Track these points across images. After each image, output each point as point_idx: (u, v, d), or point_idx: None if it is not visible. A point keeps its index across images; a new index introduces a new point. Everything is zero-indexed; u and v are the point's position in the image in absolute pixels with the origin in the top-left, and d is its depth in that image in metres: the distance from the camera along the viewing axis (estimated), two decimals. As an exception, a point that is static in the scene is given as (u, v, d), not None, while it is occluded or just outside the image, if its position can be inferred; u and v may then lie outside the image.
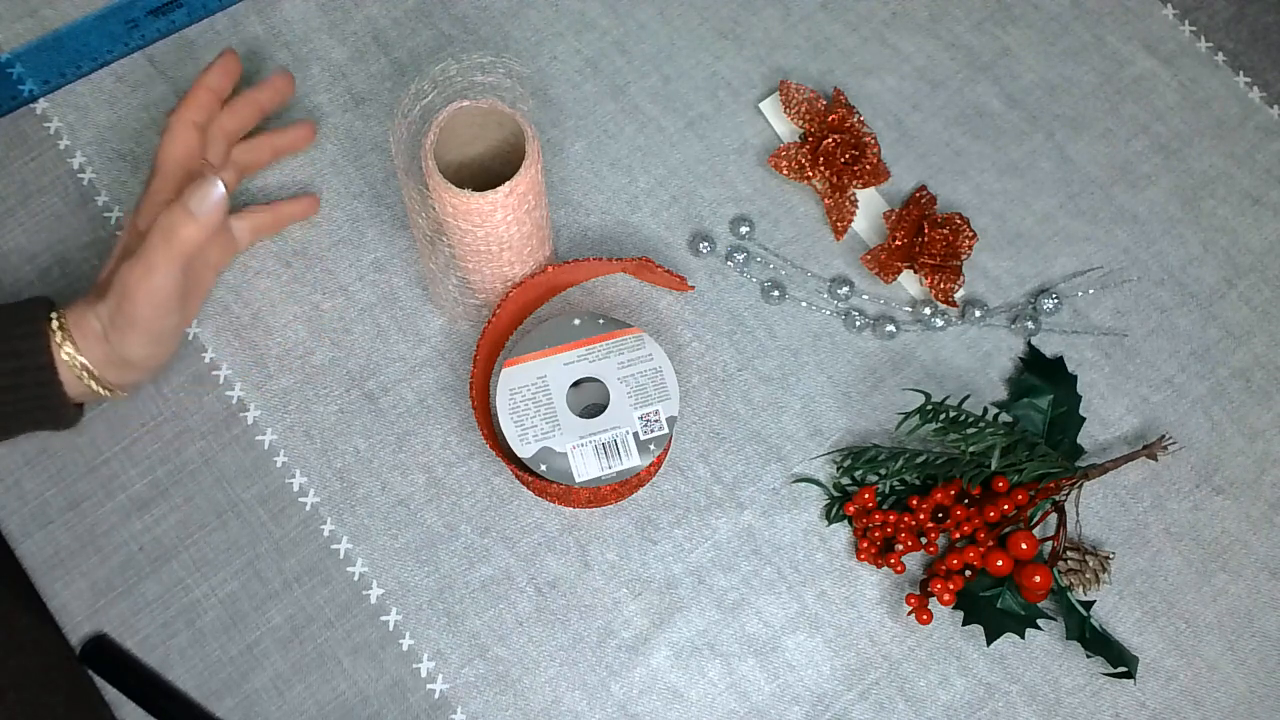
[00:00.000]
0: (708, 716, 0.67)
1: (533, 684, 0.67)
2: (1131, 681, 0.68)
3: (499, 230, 0.65)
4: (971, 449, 0.66)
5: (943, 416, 0.67)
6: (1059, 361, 0.73)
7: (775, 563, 0.70)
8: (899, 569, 0.68)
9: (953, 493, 0.68)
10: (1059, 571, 0.68)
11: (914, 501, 0.68)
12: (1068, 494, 0.69)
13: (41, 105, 0.79)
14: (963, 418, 0.67)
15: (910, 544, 0.68)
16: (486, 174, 0.69)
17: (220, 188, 0.60)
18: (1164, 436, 0.69)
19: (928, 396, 0.67)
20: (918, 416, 0.67)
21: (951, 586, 0.67)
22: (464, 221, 0.64)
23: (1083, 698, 0.67)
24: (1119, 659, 0.66)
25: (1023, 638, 0.68)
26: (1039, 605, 0.68)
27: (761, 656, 0.68)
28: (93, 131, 0.78)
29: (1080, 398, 0.72)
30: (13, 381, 0.62)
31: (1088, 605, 0.68)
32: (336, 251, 0.76)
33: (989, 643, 0.67)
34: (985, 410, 0.69)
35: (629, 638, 0.68)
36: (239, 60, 0.69)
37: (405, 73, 0.80)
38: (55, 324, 0.63)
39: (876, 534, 0.68)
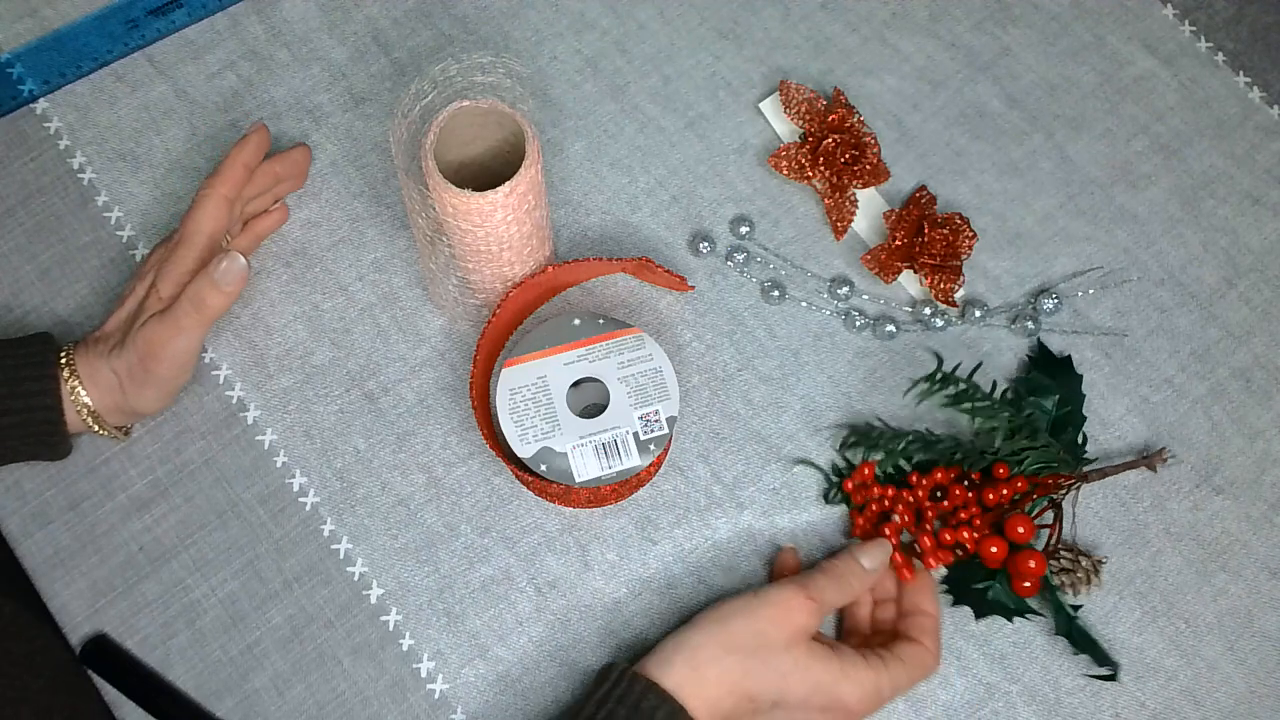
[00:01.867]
0: (708, 716, 0.67)
1: (533, 684, 0.67)
2: (1128, 683, 0.68)
3: (499, 230, 0.65)
4: (978, 421, 0.66)
5: (953, 386, 0.67)
6: (1067, 360, 0.73)
7: (775, 563, 0.70)
8: (894, 542, 0.68)
9: (953, 474, 0.68)
10: (1051, 571, 0.68)
11: (914, 478, 0.68)
12: (1065, 493, 0.69)
13: (41, 105, 0.79)
14: (972, 391, 0.67)
15: (907, 518, 0.68)
16: (486, 174, 0.69)
17: (242, 262, 0.65)
18: (1164, 449, 0.69)
19: (940, 362, 0.67)
20: (927, 382, 0.67)
21: (942, 556, 0.67)
22: (464, 221, 0.64)
23: (1083, 698, 0.67)
24: (1103, 660, 0.66)
25: (1010, 622, 0.68)
26: (1028, 602, 0.68)
27: (761, 656, 0.68)
28: (93, 131, 0.78)
29: (1084, 396, 0.72)
30: (21, 419, 0.65)
31: (1075, 608, 0.67)
32: (336, 251, 0.76)
33: (977, 618, 0.67)
34: (994, 385, 0.69)
35: (629, 638, 0.68)
36: (269, 133, 0.72)
37: (405, 73, 0.80)
38: (64, 366, 0.66)
39: (874, 507, 0.68)
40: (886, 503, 0.68)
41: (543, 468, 0.65)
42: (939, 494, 0.68)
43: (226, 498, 0.70)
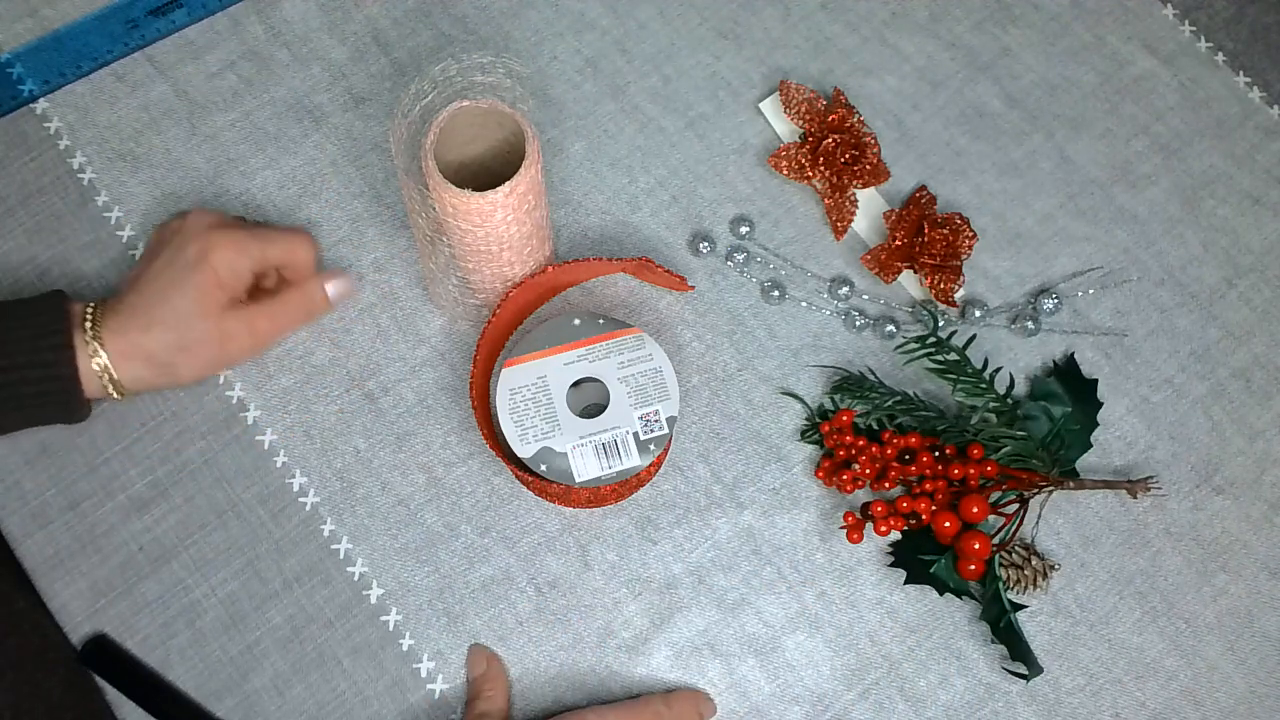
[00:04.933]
0: (708, 716, 0.67)
1: (533, 684, 0.67)
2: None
3: (499, 230, 0.65)
4: (960, 394, 0.66)
5: (943, 354, 0.67)
6: (1092, 384, 0.73)
7: (775, 563, 0.70)
8: (847, 489, 0.68)
9: (928, 443, 0.68)
10: (1000, 563, 0.67)
11: (886, 435, 0.68)
12: (1036, 493, 0.69)
13: (41, 105, 0.79)
14: (963, 363, 0.67)
15: (869, 471, 0.68)
16: (486, 174, 0.69)
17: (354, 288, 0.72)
18: (1150, 478, 0.69)
19: (936, 324, 0.67)
20: (918, 343, 0.67)
21: (894, 523, 0.67)
22: (464, 221, 0.64)
23: (1083, 698, 0.67)
24: (1026, 659, 0.66)
25: (940, 596, 0.68)
26: (970, 586, 0.68)
27: (761, 656, 0.68)
28: (93, 131, 0.78)
29: (1098, 425, 0.72)
30: (38, 389, 0.64)
31: (1017, 607, 0.67)
32: (336, 251, 0.76)
33: (906, 583, 0.68)
34: (985, 363, 0.68)
35: (629, 638, 0.68)
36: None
37: (405, 73, 0.80)
38: (89, 331, 0.64)
39: (840, 454, 0.68)
40: (855, 452, 0.68)
41: (543, 468, 0.65)
42: (907, 457, 0.68)
43: (226, 498, 0.70)
